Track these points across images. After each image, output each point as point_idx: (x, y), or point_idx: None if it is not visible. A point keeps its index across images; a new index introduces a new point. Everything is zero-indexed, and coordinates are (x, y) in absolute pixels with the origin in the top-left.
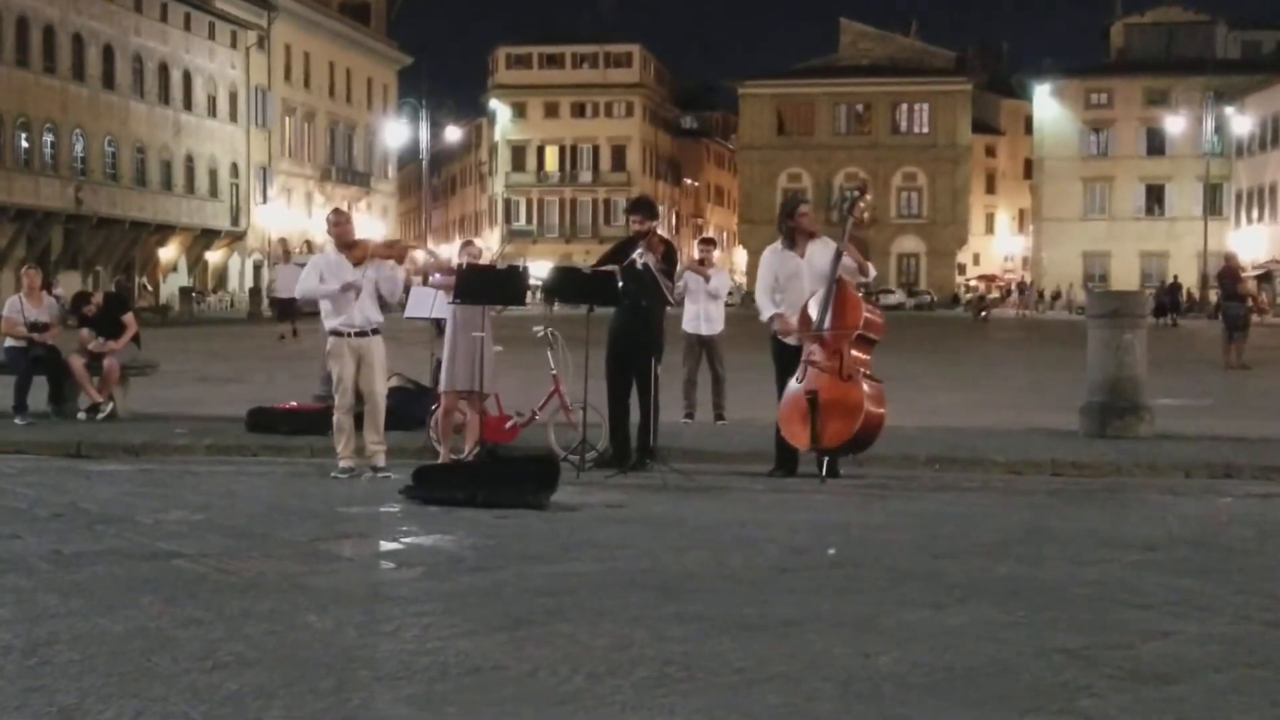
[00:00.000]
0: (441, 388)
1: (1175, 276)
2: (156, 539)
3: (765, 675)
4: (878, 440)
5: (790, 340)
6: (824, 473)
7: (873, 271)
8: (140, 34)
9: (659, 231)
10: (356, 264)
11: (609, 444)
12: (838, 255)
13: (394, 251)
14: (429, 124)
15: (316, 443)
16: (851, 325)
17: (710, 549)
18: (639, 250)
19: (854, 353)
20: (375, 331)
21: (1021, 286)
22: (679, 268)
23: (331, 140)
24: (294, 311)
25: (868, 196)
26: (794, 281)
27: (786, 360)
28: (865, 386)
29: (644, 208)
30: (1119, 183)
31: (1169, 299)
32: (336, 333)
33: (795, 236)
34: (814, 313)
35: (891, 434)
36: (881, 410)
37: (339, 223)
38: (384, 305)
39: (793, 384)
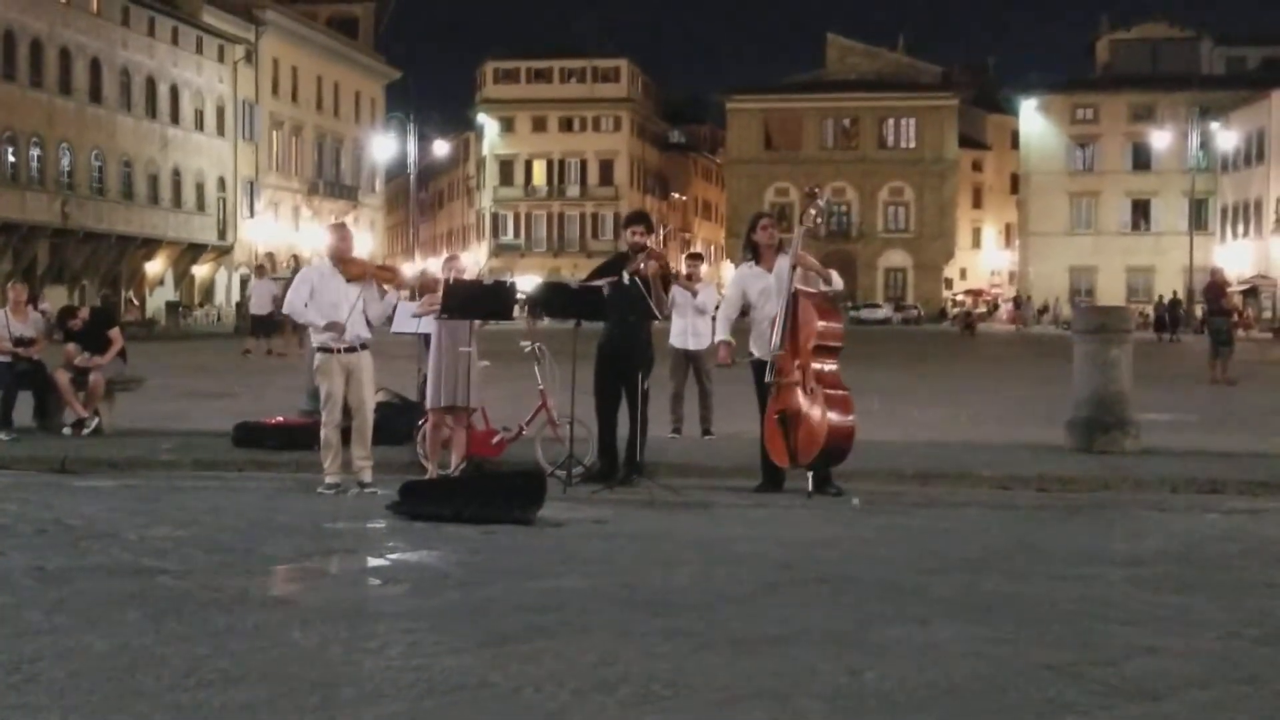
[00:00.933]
0: (427, 404)
1: (1175, 293)
2: (141, 555)
3: (752, 692)
4: (854, 450)
5: (765, 357)
6: (810, 488)
7: (837, 279)
8: (128, 48)
9: (653, 247)
10: (350, 279)
11: (596, 459)
12: (791, 268)
13: (392, 277)
14: (416, 138)
15: (303, 458)
16: (807, 338)
17: (697, 565)
18: (641, 262)
19: (815, 365)
20: (364, 347)
21: (1018, 301)
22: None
23: (319, 154)
24: (270, 327)
25: (819, 202)
26: (764, 298)
27: (765, 379)
28: (828, 397)
29: (644, 221)
30: (1105, 197)
31: (1169, 315)
32: (325, 349)
33: (761, 251)
34: (773, 331)
35: (878, 448)
36: (849, 419)
37: (341, 237)
38: (369, 323)
39: (770, 404)
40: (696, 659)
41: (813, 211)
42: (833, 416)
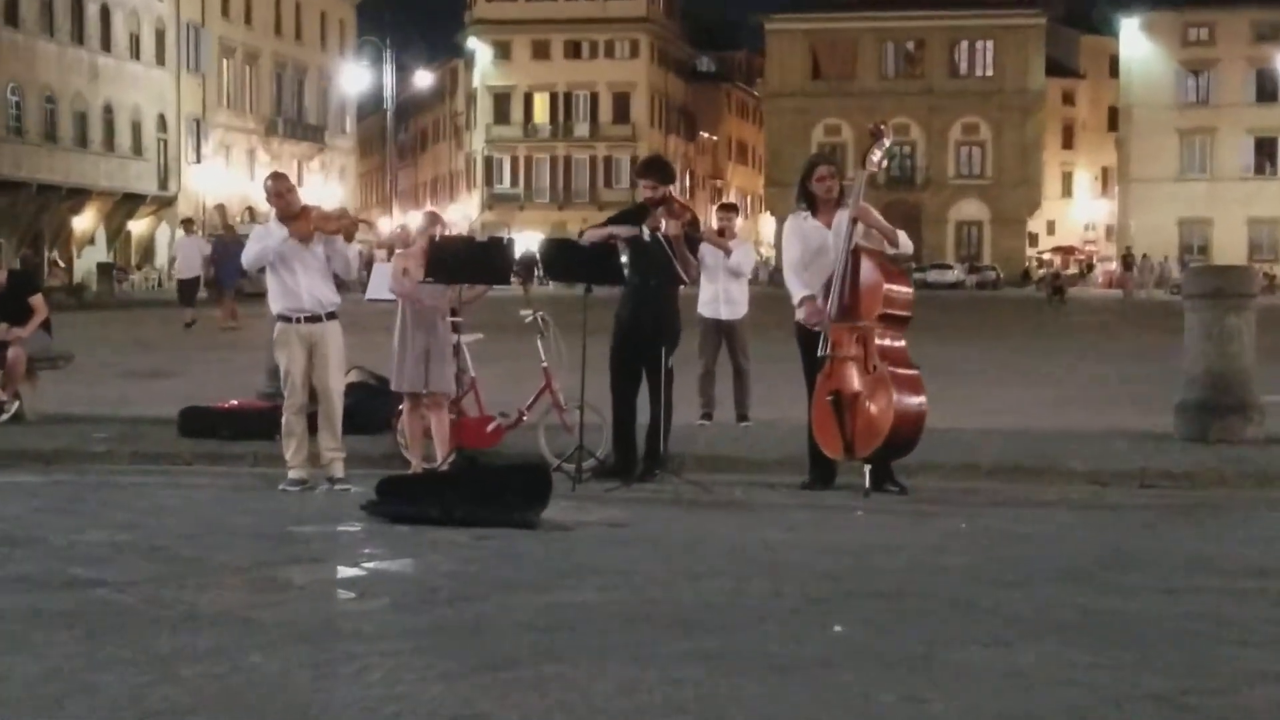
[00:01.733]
0: (396, 387)
1: None
2: (73, 564)
3: None
4: (922, 440)
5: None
6: (868, 485)
7: (905, 241)
8: None
9: (676, 197)
10: (304, 240)
11: (611, 450)
12: (851, 222)
13: (339, 225)
14: (394, 68)
15: (262, 449)
16: (869, 304)
17: (732, 575)
18: (661, 218)
19: (879, 339)
20: (330, 316)
21: (1128, 260)
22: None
23: (278, 87)
24: (194, 293)
25: (885, 142)
26: (820, 258)
27: (815, 352)
28: (894, 378)
29: (656, 170)
30: (1222, 135)
31: None
32: (283, 317)
33: (818, 204)
34: (829, 297)
35: (948, 438)
36: (918, 402)
37: (280, 190)
38: (340, 284)
39: (820, 382)
40: (731, 687)
41: (876, 154)
42: (900, 400)
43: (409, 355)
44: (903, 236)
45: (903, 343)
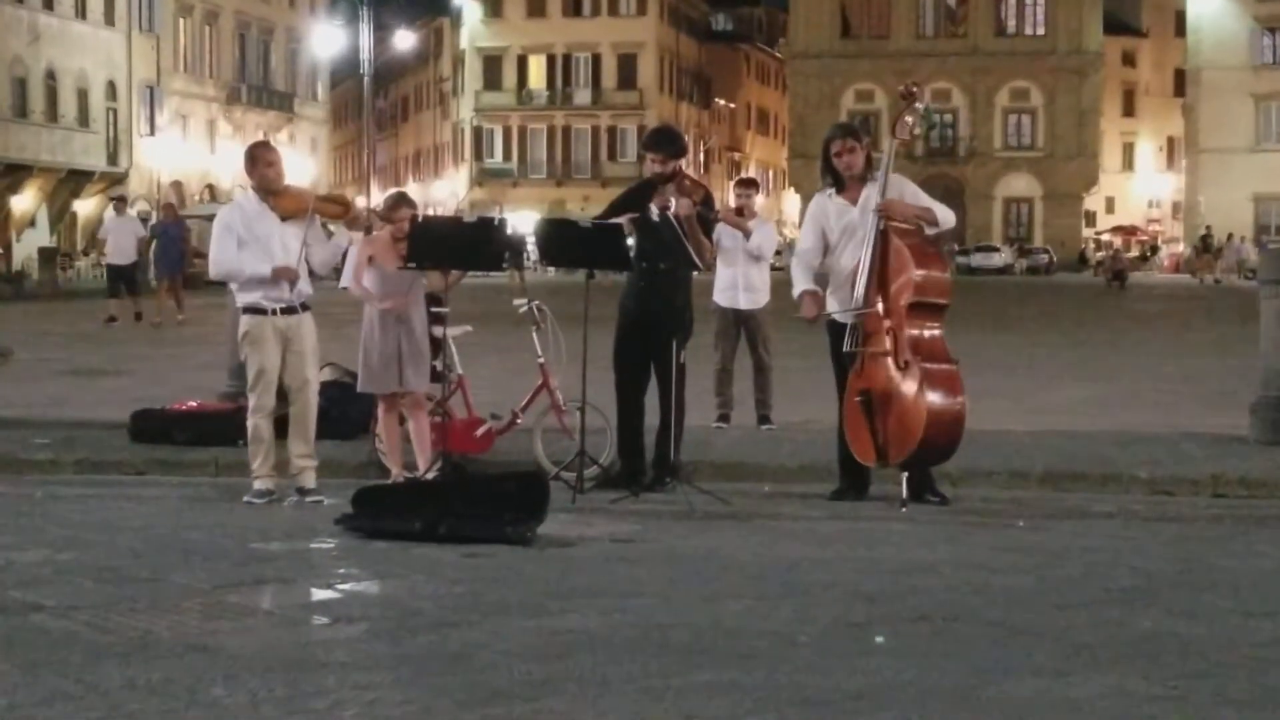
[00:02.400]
0: (364, 388)
1: None
2: (8, 586)
3: None
4: (965, 444)
5: (845, 318)
6: (905, 495)
7: (944, 214)
8: None
9: (687, 173)
10: (285, 217)
11: (616, 457)
12: (881, 194)
13: (343, 210)
14: (372, 27)
15: (224, 456)
16: (900, 291)
17: (753, 597)
18: (670, 196)
19: (911, 329)
20: (305, 307)
21: (1206, 241)
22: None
23: (241, 50)
24: (132, 281)
25: (918, 105)
26: (847, 238)
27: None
28: (928, 374)
29: (666, 142)
30: None
31: None
32: (255, 309)
33: (844, 178)
34: (857, 282)
35: (995, 442)
36: (955, 402)
37: (269, 160)
38: (312, 274)
39: (851, 380)
40: None
41: (909, 120)
42: (933, 399)
43: (378, 351)
44: (940, 210)
45: (938, 333)
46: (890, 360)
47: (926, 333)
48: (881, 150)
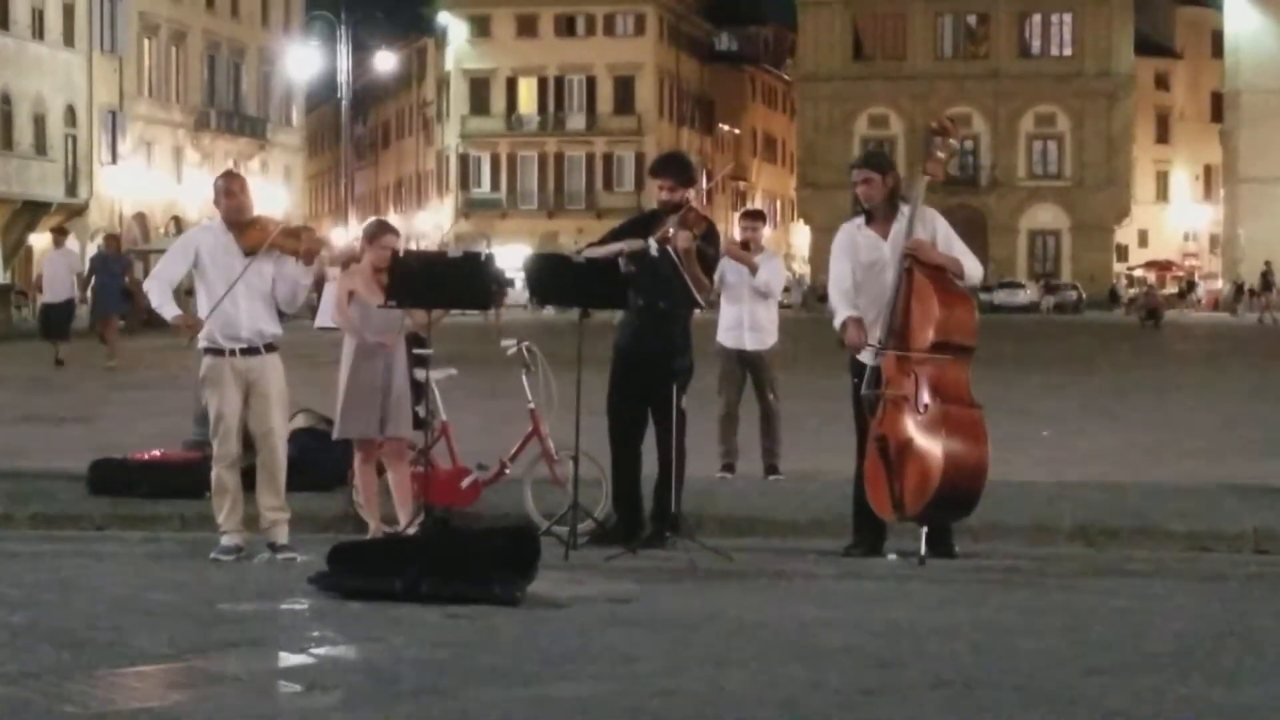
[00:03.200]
0: (340, 434)
1: None
2: None
3: None
4: (988, 497)
5: (868, 358)
6: (923, 550)
7: (973, 269)
8: None
9: (694, 205)
10: (249, 251)
11: (611, 510)
12: (908, 234)
13: (302, 246)
14: (351, 48)
15: (189, 509)
16: (922, 333)
17: (760, 662)
18: (671, 228)
19: (932, 370)
20: (270, 348)
21: (1268, 279)
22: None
23: (210, 72)
24: (66, 322)
25: (951, 141)
26: (873, 273)
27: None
28: (948, 418)
29: (676, 169)
30: None
31: None
32: (214, 349)
33: (870, 209)
34: (879, 321)
35: (1020, 493)
36: (977, 451)
37: (232, 191)
38: (282, 314)
39: (873, 427)
40: None
41: (941, 155)
42: (952, 445)
43: (358, 394)
44: (969, 262)
45: (963, 376)
46: (910, 405)
47: (949, 375)
48: (912, 182)
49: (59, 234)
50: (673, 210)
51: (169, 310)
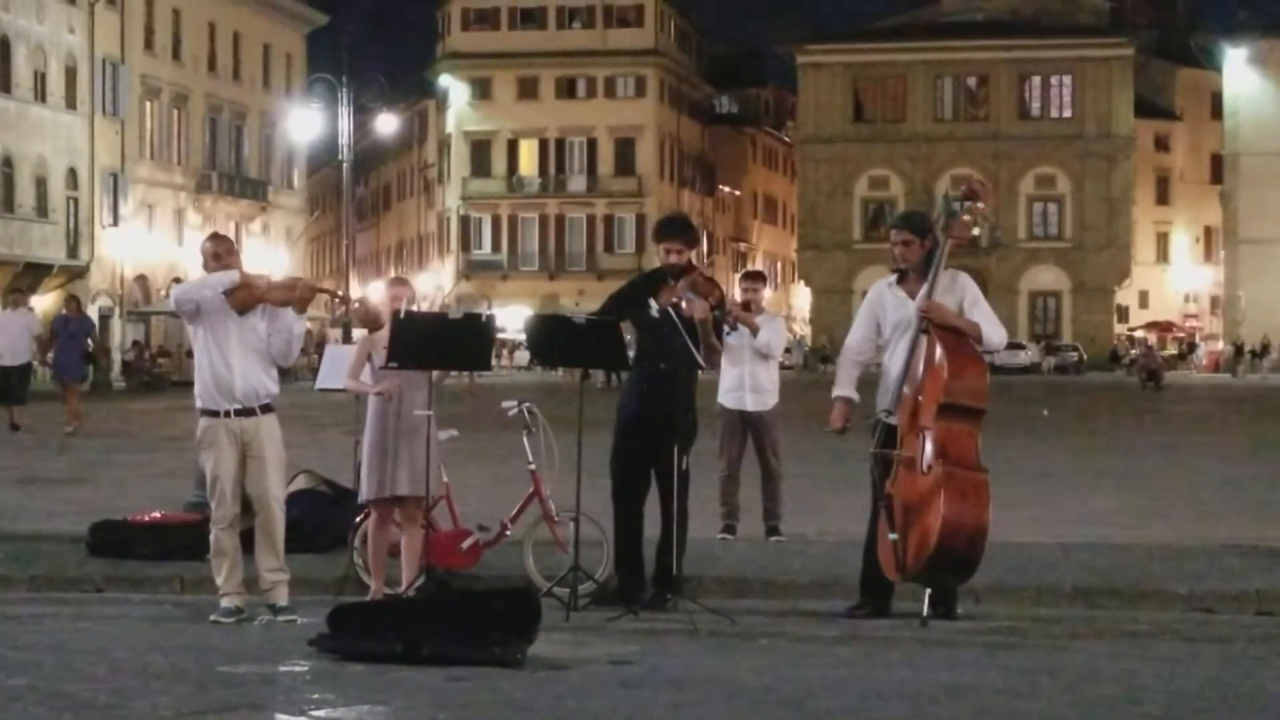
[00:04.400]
0: (365, 495)
1: None
2: None
3: None
4: (991, 558)
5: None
6: (926, 612)
7: (994, 334)
8: None
9: (700, 268)
10: (242, 311)
11: (613, 571)
12: (927, 295)
13: (294, 295)
14: (352, 110)
15: (189, 571)
16: (933, 392)
17: None
18: (682, 294)
19: (940, 432)
20: (266, 409)
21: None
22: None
23: (212, 135)
24: (23, 386)
25: (980, 205)
26: (900, 333)
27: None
28: (950, 479)
29: (682, 230)
30: None
31: None
32: (208, 410)
33: (904, 269)
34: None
35: (1022, 555)
36: (976, 514)
37: (219, 253)
38: (282, 371)
39: (887, 487)
40: None
41: (967, 219)
42: (952, 509)
43: (379, 455)
44: (988, 327)
45: (970, 440)
46: (915, 466)
47: (956, 437)
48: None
49: (18, 294)
50: (679, 274)
51: (225, 279)
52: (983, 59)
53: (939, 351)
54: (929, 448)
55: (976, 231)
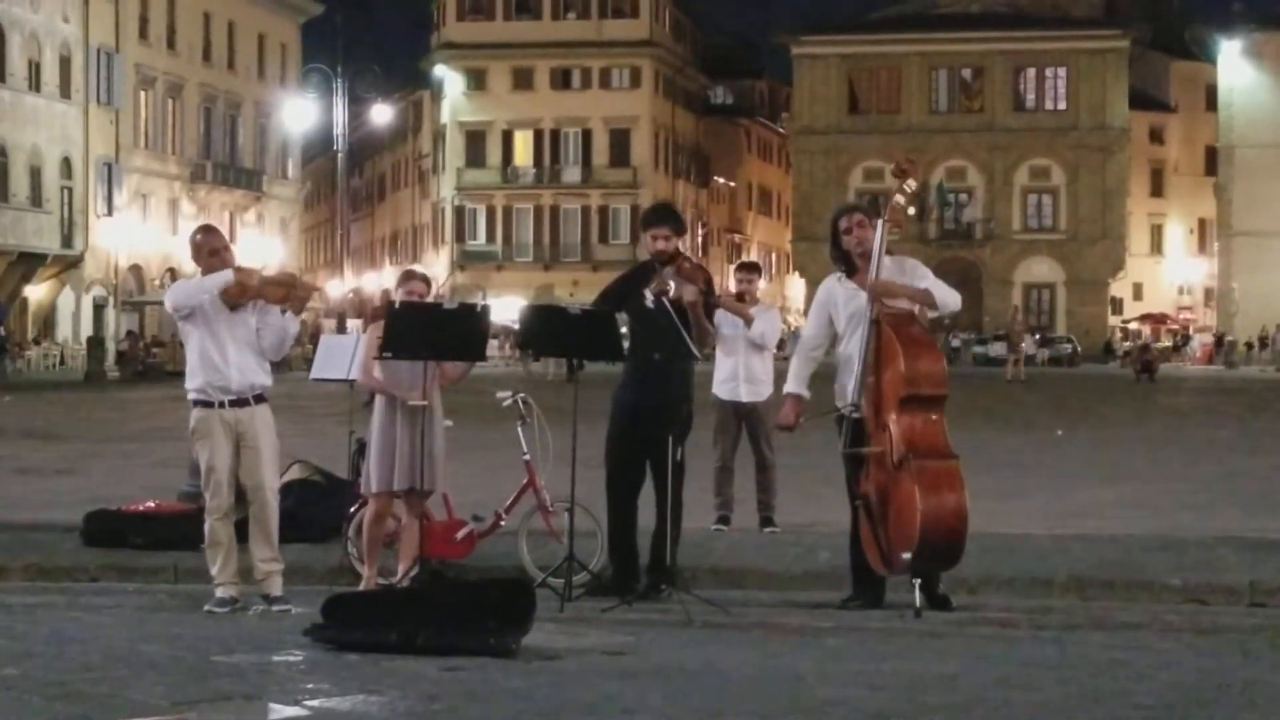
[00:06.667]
0: (372, 488)
1: None
2: None
3: None
4: (986, 550)
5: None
6: (918, 603)
7: (944, 294)
8: None
9: (686, 254)
10: (234, 306)
11: (607, 562)
12: (870, 297)
13: (289, 294)
14: (347, 100)
15: (184, 561)
16: (891, 388)
17: (756, 715)
18: (669, 280)
19: (904, 424)
20: (260, 399)
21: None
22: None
23: (206, 124)
24: None
25: (909, 184)
26: (855, 325)
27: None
28: (923, 471)
29: (671, 218)
30: None
31: None
32: (203, 401)
33: (852, 259)
34: (848, 380)
35: (1015, 546)
36: (952, 499)
37: (214, 247)
38: (275, 362)
39: (860, 484)
40: None
41: (899, 200)
42: (929, 499)
43: (387, 449)
44: (940, 291)
45: (935, 427)
46: (886, 460)
47: (921, 427)
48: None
49: None
50: (668, 260)
51: (220, 280)
52: (978, 51)
53: (894, 343)
54: (897, 442)
55: (911, 211)
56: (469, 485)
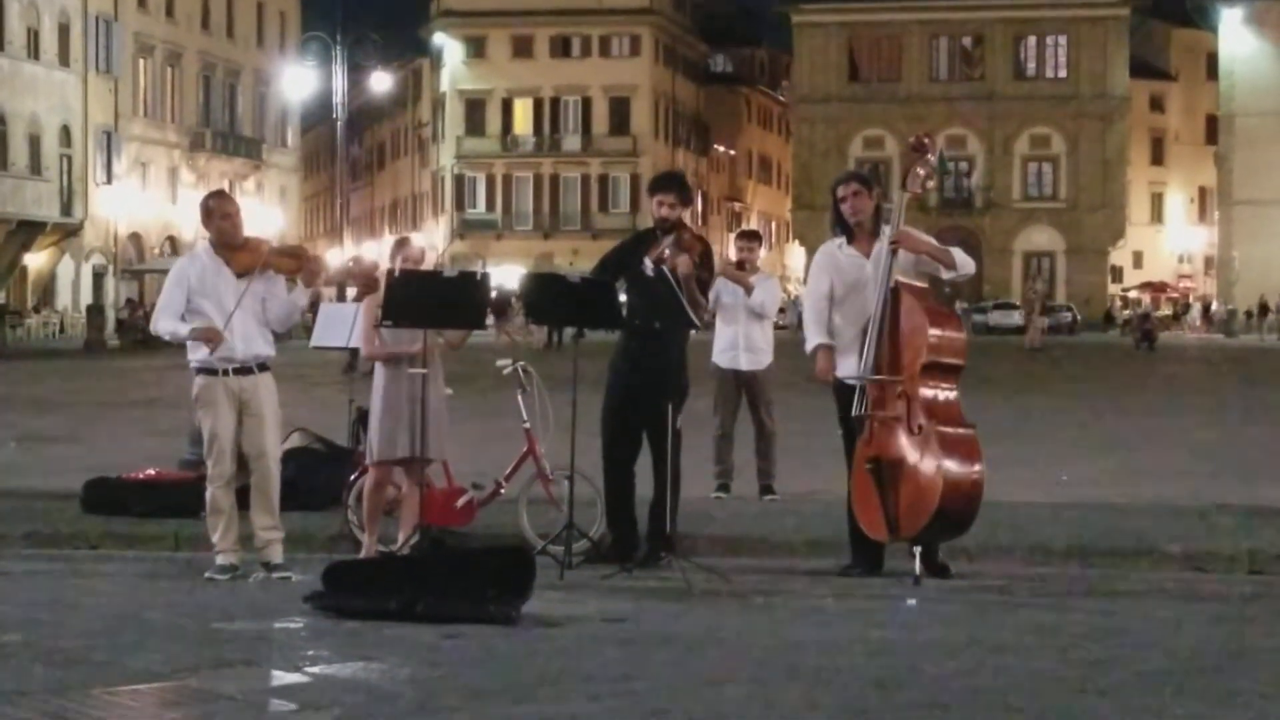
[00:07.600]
0: (373, 457)
1: None
2: None
3: None
4: (982, 517)
5: (853, 380)
6: (918, 571)
7: (963, 259)
8: None
9: (689, 225)
10: (241, 273)
11: (607, 529)
12: (891, 252)
13: (298, 265)
14: (346, 69)
15: (184, 529)
16: (913, 352)
17: (756, 682)
18: (666, 248)
19: (925, 391)
20: (263, 368)
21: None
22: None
23: (206, 93)
24: None
25: (930, 158)
26: (855, 294)
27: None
28: (943, 439)
29: (677, 185)
30: None
31: None
32: (206, 369)
33: (853, 228)
34: (868, 344)
35: (1015, 514)
36: (973, 469)
37: (224, 212)
38: (276, 334)
39: (859, 448)
40: None
41: (920, 172)
42: (950, 467)
43: (390, 417)
44: (958, 254)
45: (954, 396)
46: (903, 426)
47: (941, 395)
48: (891, 201)
49: None
50: (670, 228)
51: (183, 330)
52: (978, 19)
53: (918, 311)
54: (917, 408)
55: (930, 185)
56: (469, 454)
